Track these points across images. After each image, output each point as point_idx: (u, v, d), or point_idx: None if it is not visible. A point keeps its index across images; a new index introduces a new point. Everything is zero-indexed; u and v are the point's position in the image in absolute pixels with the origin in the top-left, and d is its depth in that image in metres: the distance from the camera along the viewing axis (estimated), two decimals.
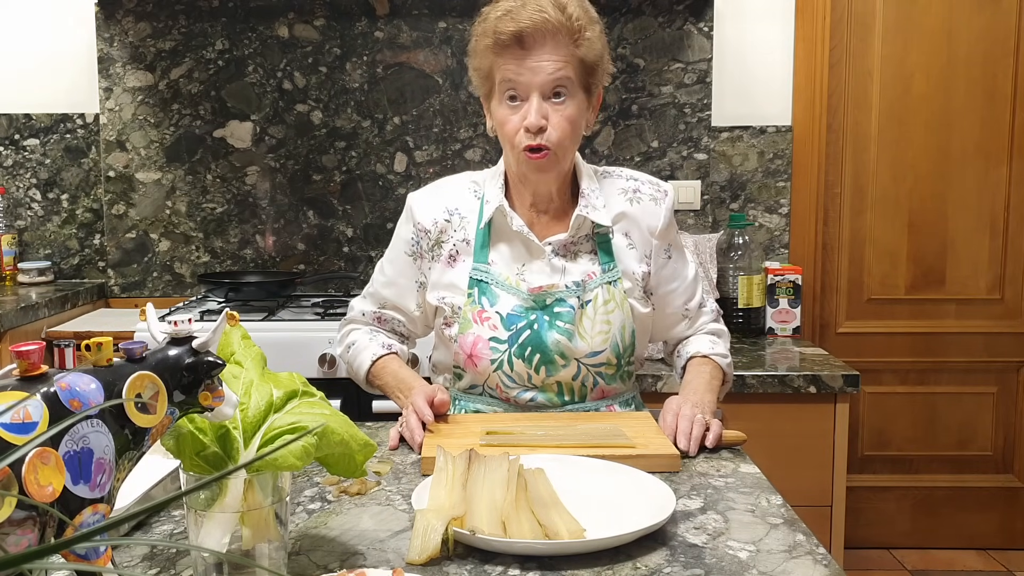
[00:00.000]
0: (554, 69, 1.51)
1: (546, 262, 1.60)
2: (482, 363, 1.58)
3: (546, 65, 1.51)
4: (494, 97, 1.57)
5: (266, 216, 2.95)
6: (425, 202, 1.67)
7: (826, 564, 1.02)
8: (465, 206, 1.65)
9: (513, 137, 1.54)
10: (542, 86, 1.51)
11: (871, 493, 3.08)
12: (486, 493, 1.11)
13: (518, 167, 1.58)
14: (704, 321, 1.74)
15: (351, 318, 1.77)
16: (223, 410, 0.92)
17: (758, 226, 2.95)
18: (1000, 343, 3.05)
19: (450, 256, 1.64)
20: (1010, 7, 2.93)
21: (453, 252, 1.63)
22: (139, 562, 1.03)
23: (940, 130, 2.98)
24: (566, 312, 1.57)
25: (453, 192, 1.68)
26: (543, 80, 1.51)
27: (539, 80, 1.51)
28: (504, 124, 1.55)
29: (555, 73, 1.51)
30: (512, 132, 1.54)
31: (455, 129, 2.92)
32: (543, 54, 1.51)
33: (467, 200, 1.66)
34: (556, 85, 1.52)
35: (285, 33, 2.89)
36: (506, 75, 1.52)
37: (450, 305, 1.62)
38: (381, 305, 1.73)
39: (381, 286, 1.72)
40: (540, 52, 1.51)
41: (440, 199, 1.67)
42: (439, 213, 1.65)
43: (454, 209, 1.65)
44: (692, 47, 2.89)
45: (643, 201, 1.65)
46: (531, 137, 1.52)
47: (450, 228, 1.64)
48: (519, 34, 1.50)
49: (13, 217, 2.96)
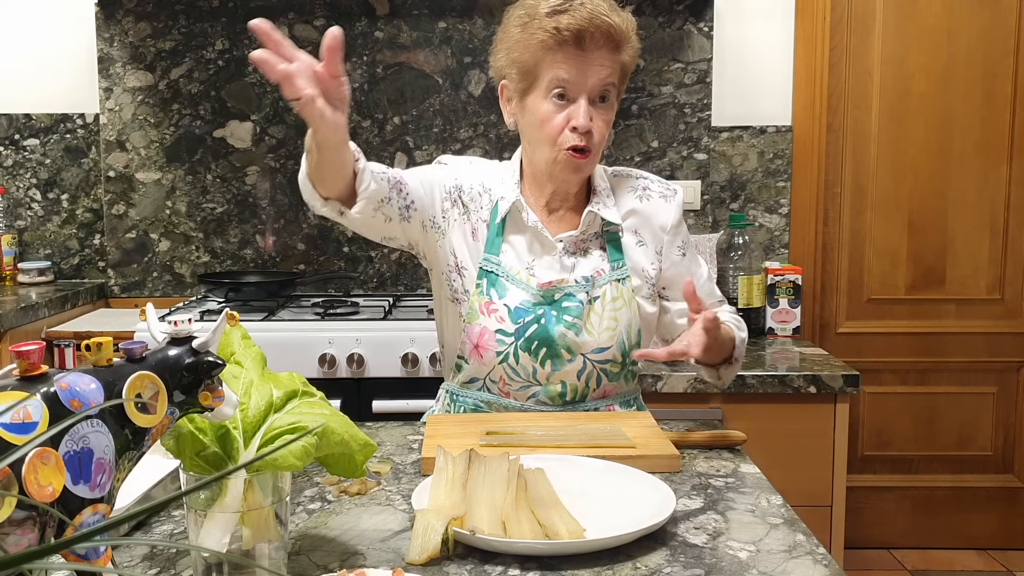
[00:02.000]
0: (607, 74, 1.51)
1: (556, 258, 1.60)
2: (488, 355, 1.58)
3: (600, 69, 1.51)
4: (534, 92, 1.54)
5: (266, 216, 2.95)
6: (464, 167, 1.66)
7: (826, 564, 1.02)
8: (495, 189, 1.63)
9: (556, 136, 1.53)
10: (592, 88, 1.51)
11: (871, 493, 3.09)
12: (486, 493, 1.11)
13: (551, 165, 1.57)
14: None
15: None
16: (223, 410, 0.92)
17: (758, 226, 2.95)
18: (1000, 343, 3.06)
19: (473, 230, 1.62)
20: (1010, 7, 2.93)
21: (475, 228, 1.62)
22: (139, 562, 1.03)
23: (940, 130, 2.98)
24: (574, 307, 1.57)
25: (487, 171, 1.66)
26: (594, 83, 1.51)
27: (592, 82, 1.51)
28: (547, 121, 1.53)
29: (607, 78, 1.52)
30: (556, 131, 1.52)
31: (455, 129, 2.92)
32: (599, 56, 1.50)
33: (496, 184, 1.64)
34: (604, 89, 1.52)
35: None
36: (559, 73, 1.50)
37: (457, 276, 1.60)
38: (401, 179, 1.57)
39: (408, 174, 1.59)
40: (596, 54, 1.50)
41: (478, 171, 1.66)
42: (476, 181, 1.64)
43: (488, 187, 1.63)
44: (692, 47, 2.89)
45: (653, 198, 1.66)
46: (579, 138, 1.52)
47: (480, 201, 1.62)
48: (581, 33, 1.48)
49: (13, 217, 2.96)
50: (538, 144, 1.57)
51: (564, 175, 1.58)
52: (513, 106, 1.60)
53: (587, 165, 1.56)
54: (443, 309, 1.67)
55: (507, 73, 1.58)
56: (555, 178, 1.60)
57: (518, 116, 1.60)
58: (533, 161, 1.62)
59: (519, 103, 1.58)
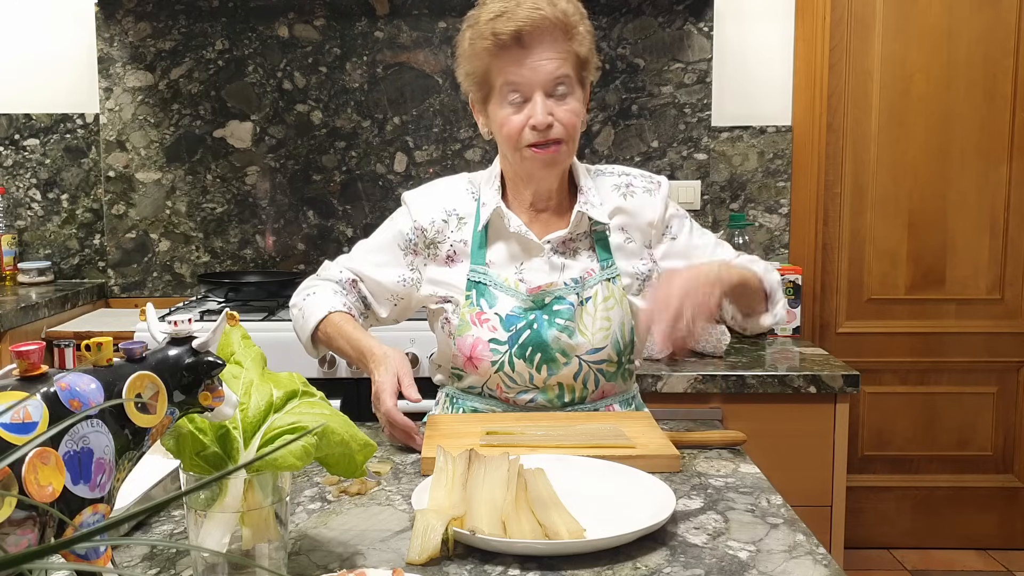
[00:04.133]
0: (555, 67, 1.51)
1: (545, 260, 1.60)
2: (483, 365, 1.58)
3: (546, 63, 1.51)
4: (492, 100, 1.57)
5: (266, 216, 2.95)
6: (423, 201, 1.67)
7: (826, 564, 1.02)
8: (462, 207, 1.65)
9: (517, 137, 1.54)
10: (544, 84, 1.51)
11: (871, 493, 3.09)
12: (486, 493, 1.11)
13: (522, 166, 1.58)
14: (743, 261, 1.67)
15: (324, 274, 1.72)
16: (223, 410, 0.92)
17: (758, 226, 2.95)
18: (1000, 343, 3.06)
19: (448, 257, 1.63)
20: (1010, 7, 2.93)
21: (451, 253, 1.63)
22: (139, 562, 1.03)
23: (940, 130, 2.98)
24: (565, 309, 1.56)
25: (450, 193, 1.67)
26: (544, 78, 1.51)
27: (541, 78, 1.51)
28: (505, 125, 1.54)
29: (556, 71, 1.51)
30: (515, 132, 1.53)
31: (455, 129, 2.92)
32: (543, 52, 1.51)
33: (464, 202, 1.65)
34: (558, 82, 1.52)
35: (285, 33, 2.89)
36: (508, 77, 1.52)
37: (447, 304, 1.61)
38: (359, 276, 1.69)
39: (363, 259, 1.69)
40: (540, 50, 1.51)
41: (438, 200, 1.66)
42: (437, 213, 1.64)
43: (452, 210, 1.64)
44: (692, 47, 2.89)
45: (637, 194, 1.65)
46: (538, 135, 1.52)
47: (447, 229, 1.63)
48: (518, 33, 1.49)
49: (13, 217, 2.96)
50: (506, 149, 1.59)
51: (537, 172, 1.58)
52: (481, 117, 1.62)
53: (559, 157, 1.55)
54: (436, 329, 1.68)
55: (467, 86, 1.61)
56: (532, 178, 1.60)
57: (488, 125, 1.62)
58: (507, 165, 1.63)
59: (483, 112, 1.61)
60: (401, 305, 1.70)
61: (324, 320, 1.62)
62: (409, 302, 1.70)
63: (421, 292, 1.66)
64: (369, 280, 1.69)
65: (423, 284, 1.65)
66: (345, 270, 1.70)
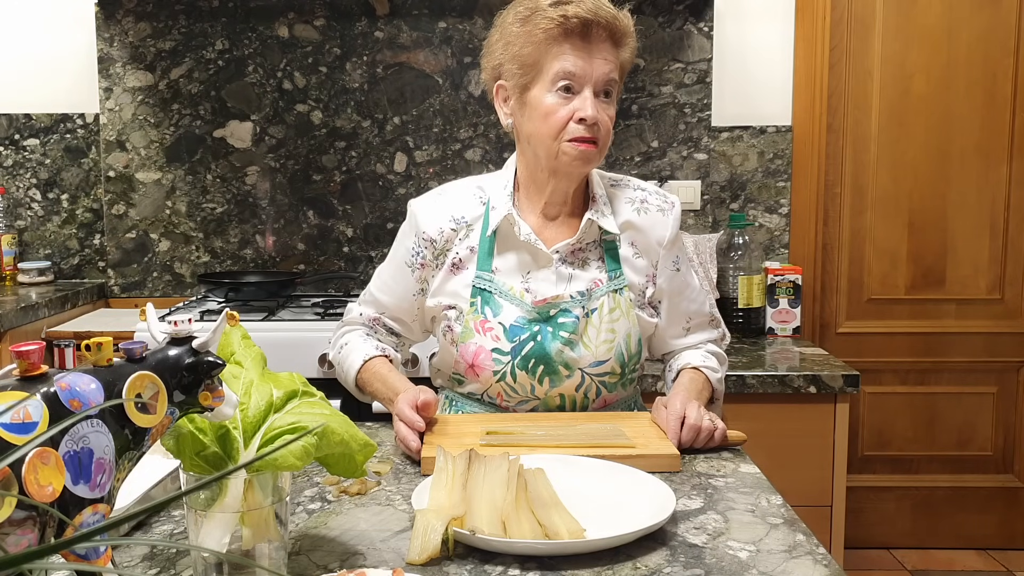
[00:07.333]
0: (609, 69, 1.50)
1: (552, 270, 1.57)
2: (484, 374, 1.56)
3: (603, 63, 1.49)
4: (537, 86, 1.51)
5: (266, 216, 2.95)
6: (429, 210, 1.62)
7: (826, 564, 1.02)
8: (471, 213, 1.61)
9: (560, 128, 1.49)
10: (597, 81, 1.49)
11: (871, 493, 3.08)
12: (486, 493, 1.11)
13: (554, 160, 1.52)
14: (704, 338, 1.70)
15: (348, 320, 1.73)
16: (223, 410, 0.92)
17: (758, 226, 2.95)
18: (1000, 343, 3.06)
19: (453, 264, 1.60)
20: (1010, 7, 2.93)
21: (456, 260, 1.60)
22: (139, 562, 1.03)
23: (940, 130, 2.98)
24: (570, 322, 1.54)
25: (458, 199, 1.63)
26: (599, 76, 1.49)
27: (597, 75, 1.49)
28: (552, 114, 1.49)
29: (610, 73, 1.50)
30: (561, 122, 1.49)
31: (455, 129, 2.92)
32: (601, 50, 1.49)
33: (473, 207, 1.61)
34: (608, 84, 1.51)
35: (285, 33, 2.89)
36: (565, 65, 1.48)
37: (451, 311, 1.60)
38: (379, 310, 1.70)
39: (378, 291, 1.69)
40: (600, 47, 1.49)
41: (445, 207, 1.62)
42: (444, 222, 1.61)
43: (460, 217, 1.61)
44: (692, 47, 2.89)
45: (650, 211, 1.62)
46: (586, 129, 1.49)
47: (456, 237, 1.60)
48: (587, 23, 1.47)
49: (13, 217, 2.96)
50: (541, 139, 1.52)
51: (569, 168, 1.53)
52: (511, 104, 1.56)
53: (595, 157, 1.52)
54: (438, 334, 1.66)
55: (505, 70, 1.54)
56: (558, 173, 1.55)
57: (516, 114, 1.56)
58: (533, 161, 1.57)
59: (518, 100, 1.54)
60: (426, 317, 1.68)
61: (360, 370, 1.64)
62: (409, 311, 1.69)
63: (428, 303, 1.63)
64: (389, 309, 1.68)
65: (429, 295, 1.63)
66: (365, 309, 1.71)
